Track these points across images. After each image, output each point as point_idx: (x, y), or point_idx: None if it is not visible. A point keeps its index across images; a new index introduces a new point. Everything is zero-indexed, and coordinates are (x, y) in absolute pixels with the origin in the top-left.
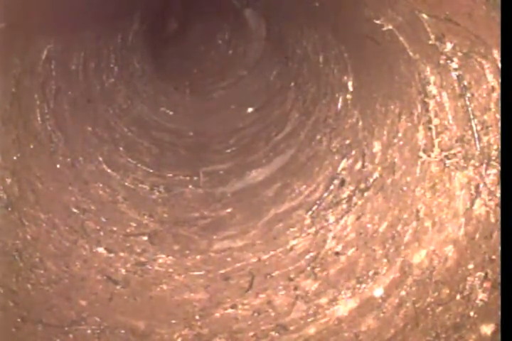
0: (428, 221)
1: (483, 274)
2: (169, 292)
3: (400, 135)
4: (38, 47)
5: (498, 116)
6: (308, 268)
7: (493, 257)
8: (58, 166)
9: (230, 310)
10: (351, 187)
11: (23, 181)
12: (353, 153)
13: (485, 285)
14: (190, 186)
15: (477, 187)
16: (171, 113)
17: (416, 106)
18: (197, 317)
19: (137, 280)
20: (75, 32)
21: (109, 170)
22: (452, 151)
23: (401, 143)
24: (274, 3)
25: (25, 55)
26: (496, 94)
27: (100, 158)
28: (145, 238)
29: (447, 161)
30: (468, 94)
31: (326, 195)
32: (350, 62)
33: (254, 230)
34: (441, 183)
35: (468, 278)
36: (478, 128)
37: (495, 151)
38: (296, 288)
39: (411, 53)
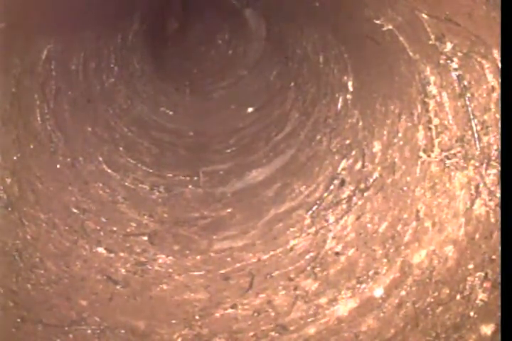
0: (428, 221)
1: (483, 274)
2: (169, 292)
3: (400, 135)
4: (38, 47)
5: (498, 116)
6: (308, 268)
7: (493, 257)
8: (58, 166)
9: (230, 310)
10: (351, 187)
11: (23, 181)
12: (353, 153)
13: (485, 285)
14: (190, 186)
15: (477, 187)
16: (171, 113)
17: (416, 106)
18: (197, 317)
19: (137, 280)
20: (75, 32)
21: (109, 170)
22: (452, 151)
23: (401, 143)
24: (274, 3)
25: (25, 55)
26: (496, 94)
27: (100, 158)
28: (145, 238)
29: (447, 161)
30: (468, 94)
31: (326, 195)
32: (350, 62)
33: (254, 230)
34: (441, 183)
35: (468, 278)
36: (478, 128)
37: (495, 151)
38: (296, 288)
39: (411, 53)
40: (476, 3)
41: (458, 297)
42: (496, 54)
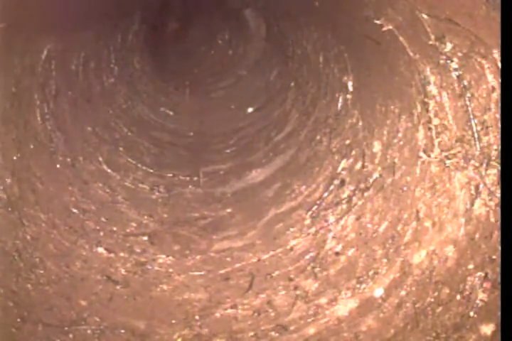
0: (428, 221)
1: (483, 274)
2: (169, 292)
3: (400, 135)
4: (38, 47)
5: (498, 116)
6: (308, 268)
7: (493, 257)
8: (58, 166)
9: (230, 310)
10: (351, 187)
11: (23, 181)
12: (353, 153)
13: (485, 285)
14: (190, 186)
15: (477, 187)
16: (171, 113)
17: (416, 106)
18: (197, 317)
19: (137, 280)
20: (75, 32)
21: (109, 170)
22: (452, 151)
23: (401, 143)
24: (274, 3)
25: (25, 55)
26: (496, 94)
27: (100, 158)
28: (145, 238)
29: (447, 161)
30: (468, 94)
31: (326, 195)
32: (350, 62)
33: (254, 230)
34: (441, 183)
35: (468, 278)
36: (478, 128)
37: (495, 151)
38: (296, 288)
39: (411, 53)
40: (476, 3)
41: (458, 297)
42: (496, 54)
